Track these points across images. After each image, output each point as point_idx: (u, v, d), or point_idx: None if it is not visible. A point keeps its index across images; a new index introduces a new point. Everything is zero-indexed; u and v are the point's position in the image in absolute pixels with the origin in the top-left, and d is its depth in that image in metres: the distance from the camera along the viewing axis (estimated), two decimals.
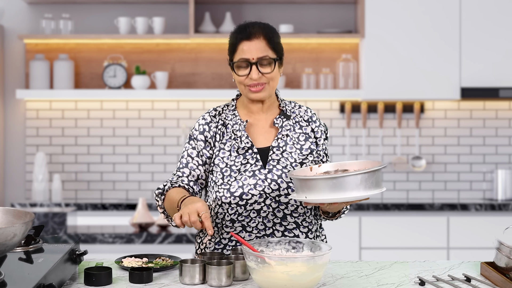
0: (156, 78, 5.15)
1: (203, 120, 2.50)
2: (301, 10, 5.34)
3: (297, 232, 2.41)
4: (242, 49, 2.41)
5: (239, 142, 2.46)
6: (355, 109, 5.29)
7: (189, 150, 2.48)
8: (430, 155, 5.32)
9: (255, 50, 2.40)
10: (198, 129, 2.49)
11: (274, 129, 2.51)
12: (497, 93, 4.95)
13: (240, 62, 2.41)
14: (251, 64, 2.40)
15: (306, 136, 2.51)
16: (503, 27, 4.98)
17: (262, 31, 2.44)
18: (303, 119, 2.54)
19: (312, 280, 1.98)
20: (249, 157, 2.44)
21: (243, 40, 2.41)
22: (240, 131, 2.47)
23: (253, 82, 2.41)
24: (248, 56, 2.40)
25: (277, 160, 2.44)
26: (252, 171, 2.40)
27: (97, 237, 3.77)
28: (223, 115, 2.51)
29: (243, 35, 2.42)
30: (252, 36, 2.41)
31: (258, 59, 2.40)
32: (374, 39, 5.01)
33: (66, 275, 2.04)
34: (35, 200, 5.09)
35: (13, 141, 5.30)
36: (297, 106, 2.58)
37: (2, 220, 1.88)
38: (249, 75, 2.40)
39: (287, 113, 2.52)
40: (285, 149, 2.47)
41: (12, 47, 5.30)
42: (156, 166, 5.31)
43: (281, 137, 2.48)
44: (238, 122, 2.49)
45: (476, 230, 4.78)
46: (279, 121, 2.50)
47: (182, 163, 2.47)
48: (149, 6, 5.32)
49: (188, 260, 2.13)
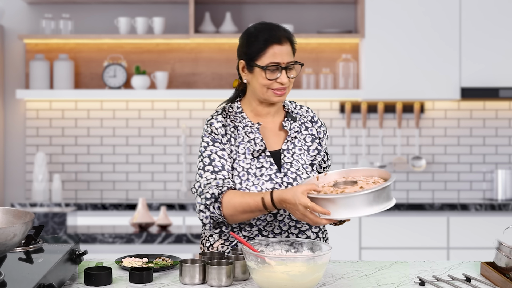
0: (156, 78, 5.16)
1: (218, 122, 2.44)
2: (301, 10, 5.34)
3: (309, 233, 2.43)
4: (273, 52, 2.37)
5: (253, 144, 2.44)
6: (355, 109, 5.30)
7: (218, 152, 2.40)
8: (430, 155, 5.32)
9: (285, 55, 2.38)
10: (218, 132, 2.42)
11: (283, 132, 2.50)
12: (497, 93, 4.95)
13: (271, 65, 2.37)
14: (281, 68, 2.38)
15: (313, 138, 2.52)
16: (503, 27, 4.98)
17: (287, 36, 2.41)
18: (308, 120, 2.54)
19: (312, 280, 1.98)
20: (263, 161, 2.42)
21: (274, 44, 2.38)
22: (254, 133, 2.45)
23: (280, 86, 2.39)
24: (279, 60, 2.37)
25: (289, 163, 2.44)
26: (269, 175, 2.40)
27: (97, 237, 3.77)
28: (231, 117, 2.48)
29: (273, 38, 2.38)
30: (282, 41, 2.39)
31: (287, 64, 2.39)
32: (374, 39, 5.01)
33: (66, 275, 2.04)
34: (35, 200, 5.09)
35: (13, 141, 5.31)
36: (298, 106, 2.58)
37: (2, 220, 1.88)
38: (278, 79, 2.38)
39: (293, 115, 2.52)
40: (294, 151, 2.47)
41: (12, 47, 5.30)
42: (156, 166, 5.31)
43: (290, 140, 2.48)
44: (249, 124, 2.46)
45: (476, 230, 4.78)
46: (287, 123, 2.49)
47: (216, 166, 2.38)
48: (149, 6, 5.32)
49: (188, 260, 2.13)
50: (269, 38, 2.39)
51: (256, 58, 2.40)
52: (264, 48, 2.39)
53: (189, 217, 4.82)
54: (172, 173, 5.31)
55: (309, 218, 2.15)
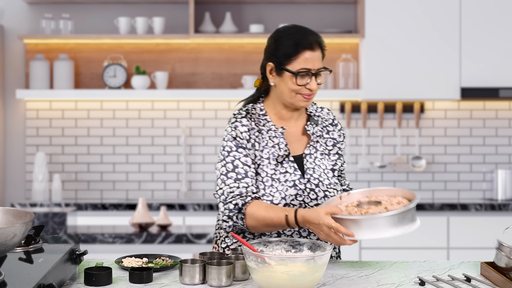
0: (156, 78, 5.16)
1: (243, 126, 2.40)
2: (301, 10, 5.34)
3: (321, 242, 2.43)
4: (305, 58, 2.35)
5: (277, 149, 2.41)
6: (355, 109, 5.30)
7: (241, 158, 2.37)
8: (430, 155, 5.32)
9: (316, 61, 2.37)
10: (243, 137, 2.39)
11: (306, 136, 2.48)
12: (497, 93, 4.95)
13: (302, 71, 2.35)
14: (312, 74, 2.37)
15: (334, 142, 2.51)
16: (503, 27, 4.98)
17: (318, 41, 2.39)
18: (329, 124, 2.53)
19: (312, 280, 1.98)
20: (287, 166, 2.40)
21: (307, 50, 2.35)
22: (278, 138, 2.42)
23: (308, 92, 2.38)
24: (310, 67, 2.36)
25: (312, 168, 2.43)
26: (293, 181, 2.38)
27: (97, 237, 3.77)
28: (255, 120, 2.44)
29: (305, 43, 2.36)
30: (314, 47, 2.36)
31: (317, 70, 2.37)
32: (374, 39, 5.01)
33: (66, 275, 2.04)
34: (35, 200, 5.09)
35: (13, 141, 5.31)
36: (319, 108, 2.55)
37: (2, 220, 1.88)
38: (308, 85, 2.37)
39: (315, 118, 2.50)
40: (316, 156, 2.45)
41: (12, 47, 5.30)
42: (156, 166, 5.31)
43: (313, 144, 2.46)
44: (272, 128, 2.44)
45: (476, 230, 4.78)
46: (310, 128, 2.47)
47: (239, 173, 2.35)
48: (149, 6, 5.32)
49: (188, 260, 2.13)
50: (301, 43, 2.36)
51: (286, 63, 2.37)
52: (295, 53, 2.36)
53: (189, 217, 4.82)
54: (172, 173, 5.31)
55: (333, 238, 2.15)
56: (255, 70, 5.29)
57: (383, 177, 5.30)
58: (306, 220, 2.20)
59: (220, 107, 5.31)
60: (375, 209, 2.14)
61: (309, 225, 2.20)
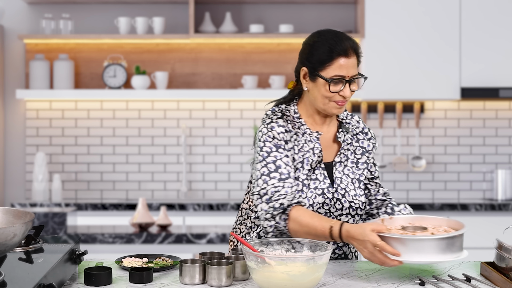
0: (156, 78, 5.16)
1: (280, 127, 2.36)
2: (301, 10, 5.34)
3: (345, 249, 2.44)
4: (339, 64, 2.31)
5: (312, 154, 2.38)
6: (355, 109, 5.29)
7: (283, 159, 2.33)
8: (430, 155, 5.32)
9: (351, 68, 2.32)
10: (280, 137, 2.35)
11: (336, 144, 2.45)
12: (497, 93, 4.95)
13: (336, 78, 2.31)
14: (346, 81, 2.32)
15: (363, 150, 2.47)
16: (503, 27, 4.98)
17: (354, 48, 2.34)
18: (359, 131, 2.49)
19: (312, 280, 1.98)
20: (318, 173, 2.37)
21: (341, 56, 2.31)
22: (313, 143, 2.39)
23: (342, 99, 2.34)
24: (344, 74, 2.31)
25: (340, 177, 2.40)
26: (322, 189, 2.36)
27: (97, 237, 3.77)
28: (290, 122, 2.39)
29: (340, 50, 2.31)
30: (349, 53, 2.32)
31: (351, 77, 2.33)
32: (374, 39, 5.01)
33: (66, 275, 2.04)
34: (35, 200, 5.09)
35: (13, 141, 5.31)
36: (350, 115, 2.52)
37: (2, 220, 1.88)
38: (341, 92, 2.32)
39: (346, 126, 2.47)
40: (346, 164, 2.43)
41: (12, 47, 5.30)
42: (156, 166, 5.31)
43: (343, 152, 2.43)
44: (307, 131, 2.40)
45: (476, 230, 4.78)
46: (341, 135, 2.44)
47: (283, 173, 2.31)
48: (149, 6, 5.32)
49: (188, 260, 2.13)
50: (336, 50, 2.31)
51: (320, 69, 2.33)
52: (330, 60, 2.32)
53: (189, 217, 4.82)
54: (172, 173, 5.31)
55: (377, 257, 2.09)
56: (255, 70, 5.29)
57: (383, 177, 5.30)
58: (351, 235, 2.15)
59: (220, 107, 5.31)
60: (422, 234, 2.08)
61: (353, 241, 2.15)
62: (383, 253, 2.08)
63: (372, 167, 2.50)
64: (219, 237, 3.76)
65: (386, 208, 2.52)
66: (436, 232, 2.10)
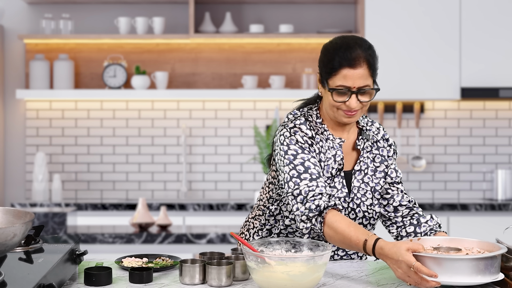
0: (156, 78, 5.16)
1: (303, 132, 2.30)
2: (301, 10, 5.34)
3: (354, 256, 2.44)
4: (344, 75, 2.24)
5: (333, 161, 2.33)
6: None
7: (311, 160, 2.26)
8: (430, 155, 5.32)
9: (358, 79, 2.24)
10: (304, 141, 2.29)
11: (355, 151, 2.40)
12: (497, 93, 4.95)
13: (339, 89, 2.25)
14: (351, 92, 2.25)
15: (382, 159, 2.42)
16: (503, 27, 4.98)
17: (365, 56, 2.25)
18: (379, 139, 2.43)
19: (312, 280, 1.98)
20: (337, 181, 2.34)
21: (346, 67, 2.23)
22: (335, 150, 2.34)
23: (348, 109, 2.27)
24: (349, 84, 2.24)
25: (357, 187, 2.36)
26: (339, 198, 2.33)
27: (97, 237, 3.77)
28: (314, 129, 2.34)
29: (346, 60, 2.24)
30: (356, 64, 2.23)
31: (358, 88, 2.25)
32: (374, 39, 4.99)
33: (66, 275, 2.04)
34: (35, 200, 5.09)
35: (13, 141, 5.31)
36: (370, 122, 2.46)
37: (2, 220, 1.88)
38: (347, 102, 2.26)
39: (367, 133, 2.41)
40: (366, 172, 2.38)
41: (12, 47, 5.30)
42: (156, 166, 5.31)
43: (363, 160, 2.39)
44: (330, 137, 2.35)
45: (476, 230, 4.78)
46: (361, 142, 2.39)
47: (313, 174, 2.24)
48: (149, 6, 5.32)
49: (188, 260, 2.13)
50: (341, 60, 2.24)
51: (328, 77, 2.28)
52: (335, 70, 2.25)
53: (189, 217, 4.82)
54: (172, 173, 5.31)
55: (412, 278, 1.97)
56: (255, 70, 5.29)
57: None
58: (385, 253, 2.04)
59: (220, 107, 5.31)
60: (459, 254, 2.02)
61: (386, 259, 2.04)
62: (418, 275, 1.96)
63: (393, 172, 2.45)
64: (219, 237, 3.76)
65: (412, 218, 2.43)
66: (470, 252, 2.03)
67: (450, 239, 2.17)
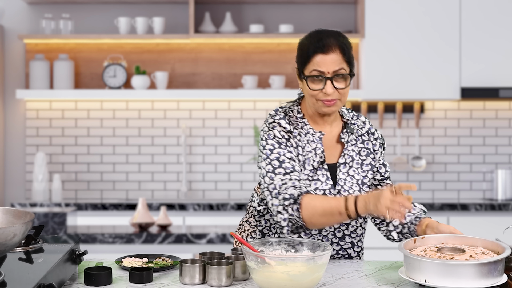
0: (156, 78, 5.16)
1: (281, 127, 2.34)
2: (301, 10, 5.34)
3: (350, 251, 2.43)
4: (316, 61, 2.29)
5: (314, 155, 2.36)
6: (355, 109, 5.29)
7: (286, 154, 2.30)
8: (430, 155, 5.32)
9: (330, 64, 2.28)
10: (281, 135, 2.33)
11: (340, 144, 2.42)
12: (497, 93, 4.95)
13: (313, 75, 2.30)
14: (326, 78, 2.29)
15: (368, 152, 2.44)
16: (503, 27, 4.98)
17: (337, 43, 2.30)
18: (365, 132, 2.45)
19: (312, 280, 1.98)
20: (320, 174, 2.35)
21: (318, 53, 2.29)
22: (315, 143, 2.37)
23: (327, 97, 2.30)
24: (323, 70, 2.29)
25: (343, 179, 2.37)
26: (323, 190, 2.34)
27: (97, 237, 3.77)
28: (293, 123, 2.38)
29: (317, 46, 2.29)
30: (328, 49, 2.29)
31: (333, 73, 2.29)
32: (374, 39, 5.01)
33: (66, 275, 2.04)
34: (35, 200, 5.09)
35: (13, 141, 5.31)
36: (355, 116, 2.48)
37: (2, 220, 1.88)
38: (323, 89, 2.29)
39: (351, 127, 2.43)
40: (351, 165, 2.40)
41: (12, 47, 5.30)
42: (156, 166, 5.31)
43: (347, 153, 2.40)
44: (310, 131, 2.38)
45: (476, 230, 4.78)
46: (345, 135, 2.41)
47: (287, 168, 2.28)
48: (149, 6, 5.32)
49: (188, 260, 2.13)
50: (313, 47, 2.30)
51: (303, 67, 2.33)
52: (309, 57, 2.31)
53: (189, 217, 4.82)
54: (172, 173, 5.31)
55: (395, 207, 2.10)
56: (255, 70, 5.29)
57: None
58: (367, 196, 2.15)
59: (220, 107, 5.31)
60: (461, 257, 2.01)
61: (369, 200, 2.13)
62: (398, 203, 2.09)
63: (382, 168, 2.47)
64: (219, 237, 3.76)
65: None
66: (474, 254, 2.03)
67: (454, 237, 2.17)
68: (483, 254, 2.04)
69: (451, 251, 2.09)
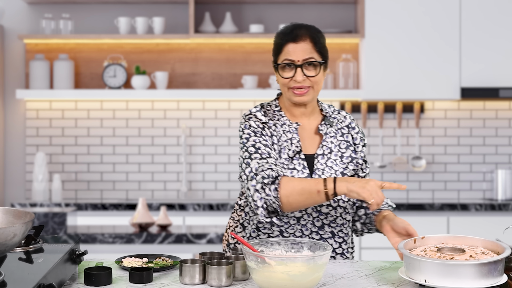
0: (156, 78, 5.16)
1: (257, 118, 2.41)
2: (301, 10, 5.34)
3: (331, 242, 2.43)
4: (287, 50, 2.37)
5: (290, 144, 2.40)
6: (355, 109, 5.29)
7: (262, 141, 2.35)
8: (430, 155, 5.32)
9: (300, 52, 2.36)
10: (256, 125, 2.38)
11: (318, 136, 2.46)
12: (497, 93, 4.95)
13: (284, 64, 2.37)
14: (296, 66, 2.36)
15: (347, 144, 2.47)
16: (503, 27, 4.98)
17: (308, 33, 2.39)
18: (344, 126, 2.50)
19: (312, 280, 1.98)
20: (296, 163, 2.38)
21: (289, 42, 2.37)
22: (291, 133, 2.42)
23: (297, 84, 2.37)
24: (293, 58, 2.36)
25: (321, 169, 2.40)
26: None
27: (97, 237, 3.77)
28: (269, 115, 2.44)
29: (288, 36, 2.37)
30: (298, 38, 2.37)
31: (303, 61, 2.36)
32: (374, 39, 5.01)
33: (66, 275, 2.04)
34: (35, 200, 5.09)
35: (13, 141, 5.31)
36: (336, 111, 2.53)
37: (2, 220, 1.88)
38: (294, 77, 2.36)
39: (330, 119, 2.48)
40: (329, 157, 2.43)
41: (12, 47, 5.30)
42: (156, 166, 5.31)
43: (326, 144, 2.44)
44: (287, 123, 2.44)
45: (476, 230, 4.78)
46: (323, 127, 2.45)
47: (263, 153, 2.32)
48: (149, 6, 5.32)
49: (188, 260, 2.13)
50: (284, 37, 2.39)
51: (276, 58, 2.41)
52: (280, 47, 2.39)
53: (189, 217, 4.82)
54: (172, 173, 5.31)
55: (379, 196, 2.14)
56: (255, 70, 5.29)
57: (383, 177, 5.30)
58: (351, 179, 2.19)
59: (220, 107, 5.31)
60: (461, 257, 2.01)
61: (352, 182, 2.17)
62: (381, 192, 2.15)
63: (363, 164, 2.51)
64: (219, 237, 3.76)
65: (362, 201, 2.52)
66: (474, 254, 2.03)
67: (454, 237, 2.18)
68: (483, 254, 2.04)
69: (451, 251, 2.09)
